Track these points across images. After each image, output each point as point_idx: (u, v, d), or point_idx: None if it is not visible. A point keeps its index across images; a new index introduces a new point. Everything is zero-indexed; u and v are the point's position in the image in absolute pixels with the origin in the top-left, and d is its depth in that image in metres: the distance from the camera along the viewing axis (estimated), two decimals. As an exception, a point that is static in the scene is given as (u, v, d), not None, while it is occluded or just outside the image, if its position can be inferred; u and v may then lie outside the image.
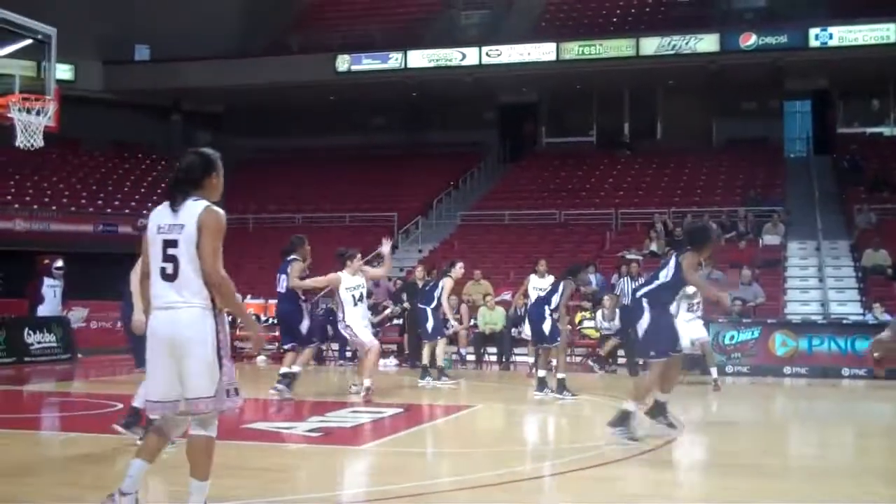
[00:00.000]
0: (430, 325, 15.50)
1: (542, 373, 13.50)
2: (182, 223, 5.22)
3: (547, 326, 13.35)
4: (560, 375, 13.35)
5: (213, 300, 5.27)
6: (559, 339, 13.37)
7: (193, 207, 5.24)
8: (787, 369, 17.80)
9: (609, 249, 25.20)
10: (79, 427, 10.26)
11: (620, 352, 18.77)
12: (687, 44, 28.71)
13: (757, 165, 29.86)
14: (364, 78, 31.38)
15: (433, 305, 15.44)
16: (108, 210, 29.22)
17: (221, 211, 5.32)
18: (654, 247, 23.43)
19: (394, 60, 30.91)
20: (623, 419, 9.03)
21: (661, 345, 9.25)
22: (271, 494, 6.81)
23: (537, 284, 15.57)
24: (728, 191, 28.30)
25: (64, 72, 27.24)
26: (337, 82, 31.58)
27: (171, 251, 5.23)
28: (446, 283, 15.52)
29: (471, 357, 19.78)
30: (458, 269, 15.73)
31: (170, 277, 5.24)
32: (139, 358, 9.12)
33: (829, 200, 26.70)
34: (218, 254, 5.22)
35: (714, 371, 15.33)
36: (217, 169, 5.45)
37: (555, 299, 13.36)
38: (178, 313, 5.23)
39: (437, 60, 30.75)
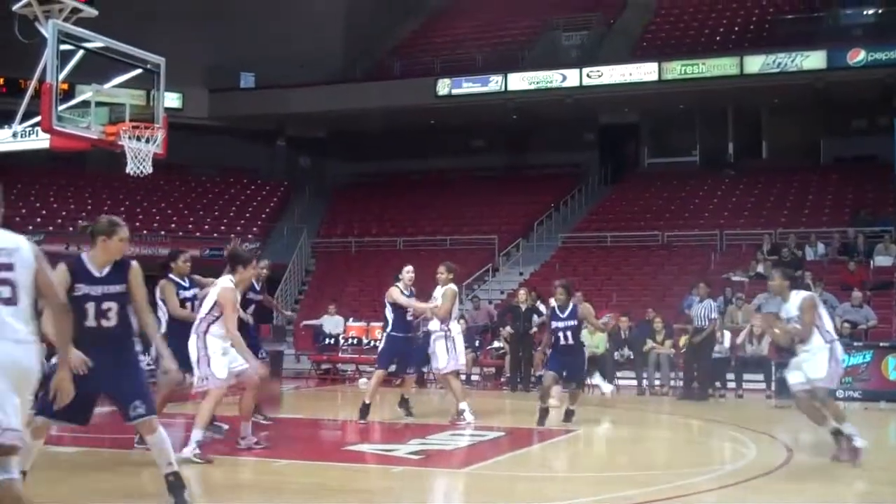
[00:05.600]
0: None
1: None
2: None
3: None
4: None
5: None
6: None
7: None
8: (901, 394, 17.15)
9: (713, 271, 24.74)
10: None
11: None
12: (793, 61, 28.04)
13: (867, 184, 29.01)
14: (464, 101, 31.45)
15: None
16: (215, 234, 29.74)
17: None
18: (760, 268, 22.91)
19: (494, 83, 30.92)
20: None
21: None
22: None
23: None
24: (837, 211, 27.58)
25: (172, 100, 27.94)
26: (437, 106, 31.70)
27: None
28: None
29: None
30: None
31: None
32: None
33: (943, 220, 25.79)
34: None
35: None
36: None
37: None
38: None
39: (538, 83, 30.65)
